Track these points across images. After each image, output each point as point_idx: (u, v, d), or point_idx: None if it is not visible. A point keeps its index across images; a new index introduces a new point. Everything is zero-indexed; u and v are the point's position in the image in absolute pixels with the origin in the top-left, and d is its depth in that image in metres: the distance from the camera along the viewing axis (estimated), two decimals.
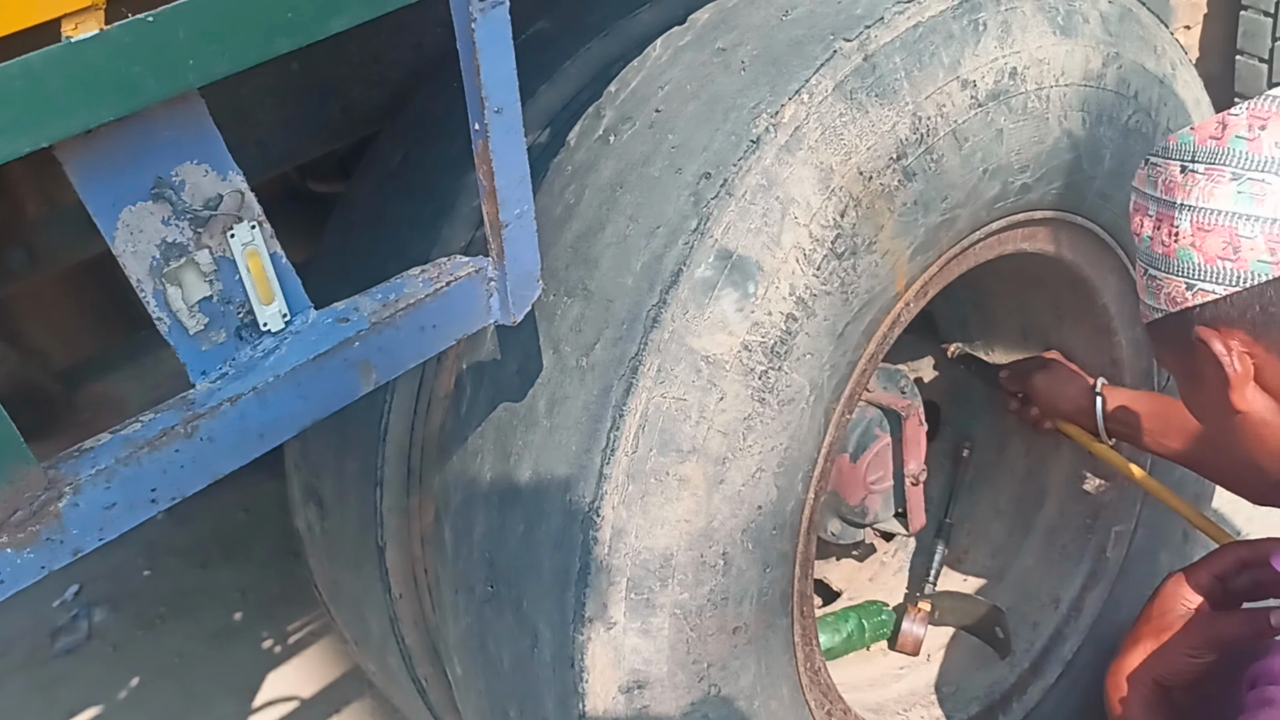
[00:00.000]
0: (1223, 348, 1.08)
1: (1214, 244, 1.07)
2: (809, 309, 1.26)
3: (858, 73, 1.28)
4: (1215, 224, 1.07)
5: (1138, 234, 1.17)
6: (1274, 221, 1.05)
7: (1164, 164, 1.13)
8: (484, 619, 1.33)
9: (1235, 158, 1.07)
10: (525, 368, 1.28)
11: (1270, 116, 1.06)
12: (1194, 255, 1.09)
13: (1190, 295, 1.10)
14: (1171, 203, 1.11)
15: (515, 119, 0.97)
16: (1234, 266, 1.06)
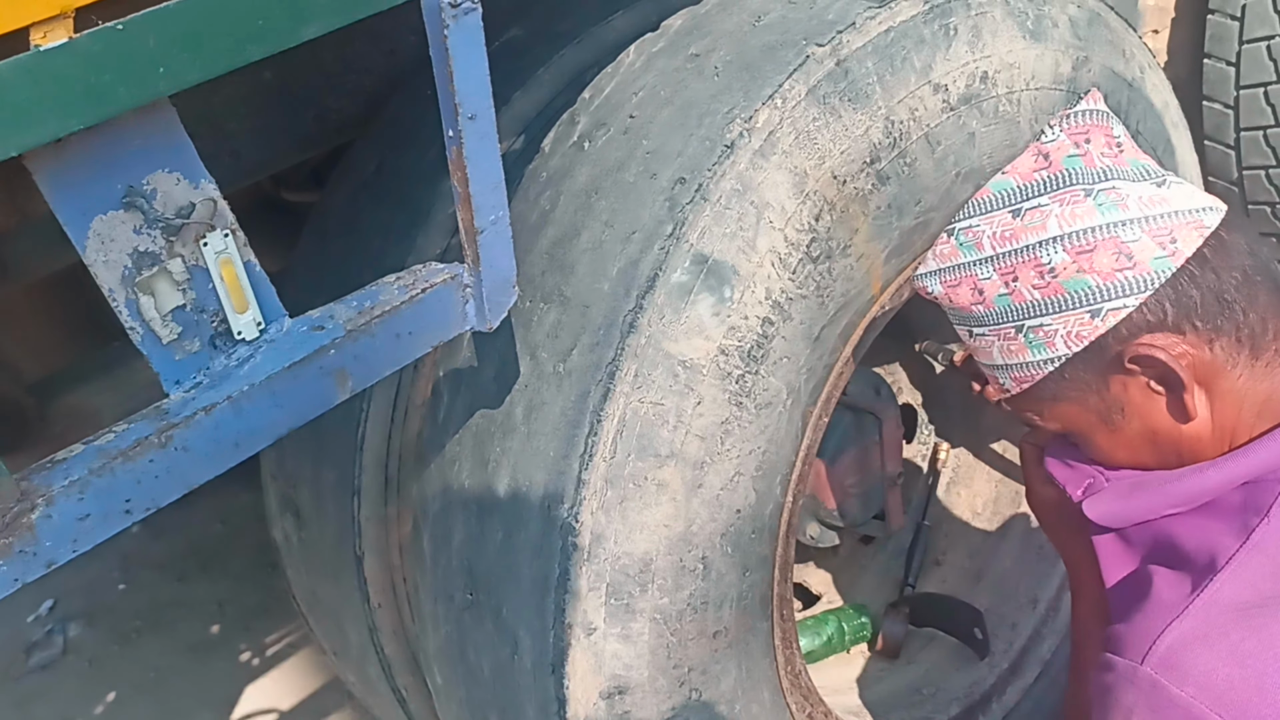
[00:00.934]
0: (1165, 353, 1.02)
1: (1104, 260, 1.04)
2: (785, 313, 1.26)
3: (830, 77, 1.28)
4: (1095, 240, 1.04)
5: (976, 305, 1.13)
6: (1147, 219, 1.04)
7: (982, 221, 1.12)
8: (463, 627, 1.33)
9: (1077, 176, 1.07)
10: (502, 374, 1.28)
11: (1088, 129, 1.08)
12: (1088, 280, 1.04)
13: (1099, 321, 1.04)
14: (1019, 248, 1.08)
15: (489, 125, 0.97)
16: (1134, 273, 1.03)
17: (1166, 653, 0.93)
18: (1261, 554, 0.94)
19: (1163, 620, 0.94)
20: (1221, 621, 0.92)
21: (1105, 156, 1.07)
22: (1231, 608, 0.92)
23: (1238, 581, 0.94)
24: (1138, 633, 0.96)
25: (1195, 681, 0.91)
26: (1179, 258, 1.02)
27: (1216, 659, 0.91)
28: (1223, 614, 0.92)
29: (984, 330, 1.15)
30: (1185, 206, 1.04)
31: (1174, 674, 0.92)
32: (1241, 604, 0.92)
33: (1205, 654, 0.91)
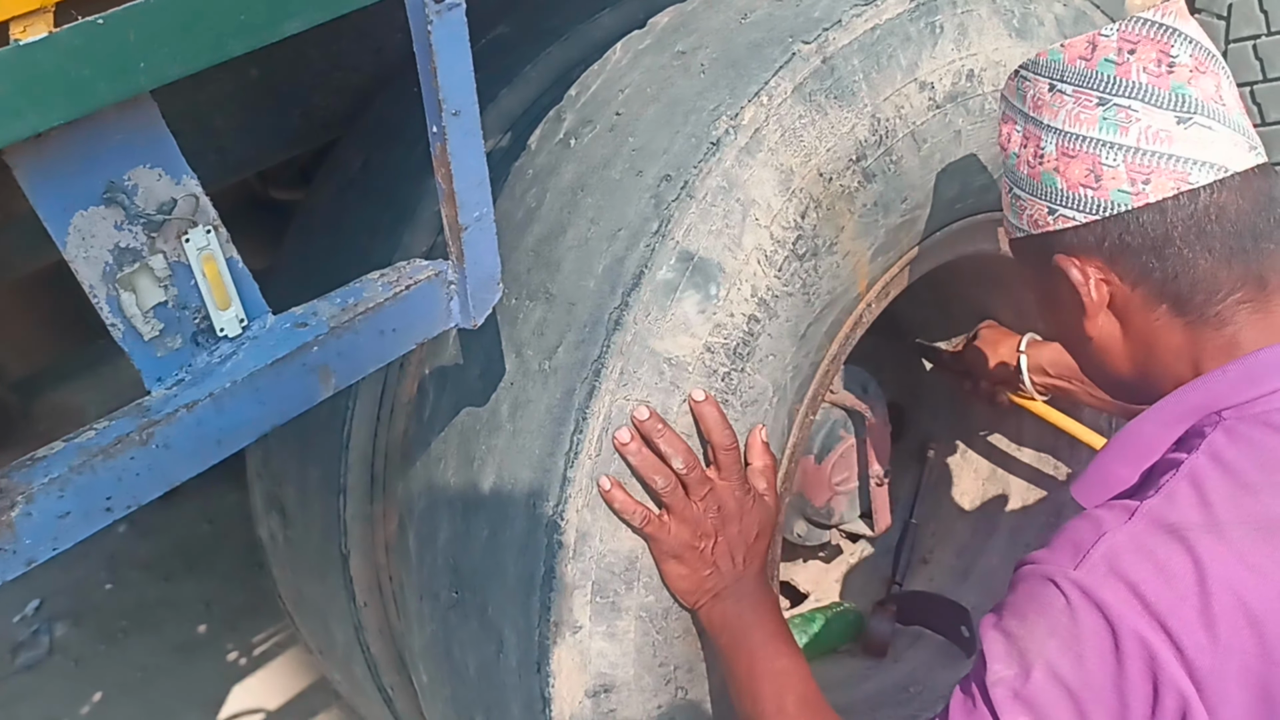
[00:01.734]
0: (1080, 275, 1.07)
1: (1077, 171, 1.06)
2: (771, 310, 1.26)
3: (816, 75, 1.28)
4: (1079, 150, 1.06)
5: (1004, 148, 1.15)
6: (1137, 151, 1.03)
7: (1033, 79, 1.11)
8: (449, 625, 1.32)
9: (1102, 81, 1.05)
10: (488, 372, 1.28)
11: (1140, 41, 1.04)
12: (1057, 180, 1.08)
13: (1051, 220, 1.09)
14: (1039, 121, 1.10)
15: (473, 121, 0.97)
16: (1095, 195, 1.05)
17: (1098, 561, 0.94)
18: (1190, 482, 0.96)
19: (1094, 535, 0.97)
20: (1149, 540, 0.94)
21: (1145, 72, 1.04)
22: (1159, 528, 0.95)
23: (1166, 506, 0.96)
24: (1068, 546, 0.98)
25: (1123, 589, 0.92)
26: (1140, 199, 1.03)
27: (1144, 572, 0.93)
28: (1151, 534, 0.95)
29: (1004, 173, 1.18)
30: (1182, 154, 1.02)
31: (1104, 580, 0.93)
32: (1168, 525, 0.94)
33: (1134, 564, 0.93)
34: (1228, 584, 0.91)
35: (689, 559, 1.21)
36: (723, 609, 1.22)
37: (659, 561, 1.22)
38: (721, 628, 1.22)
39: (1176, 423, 1.04)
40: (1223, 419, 1.00)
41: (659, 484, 1.19)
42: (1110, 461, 1.08)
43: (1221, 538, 0.93)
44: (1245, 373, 1.01)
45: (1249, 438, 0.98)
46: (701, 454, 1.22)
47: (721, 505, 1.21)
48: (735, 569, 1.23)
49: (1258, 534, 0.93)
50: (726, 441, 1.21)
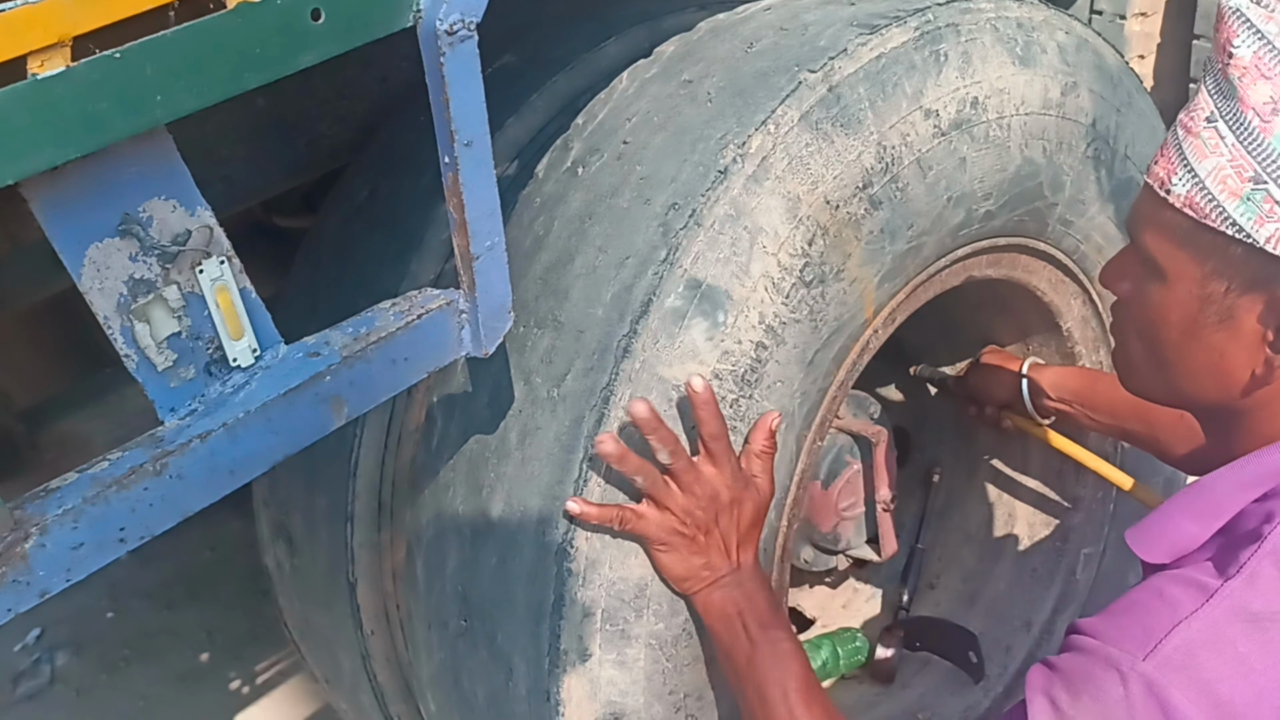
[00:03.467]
0: (1268, 325, 0.93)
1: None
2: (779, 337, 1.26)
3: (823, 103, 1.29)
4: None
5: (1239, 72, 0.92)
6: None
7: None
8: (458, 654, 1.32)
9: None
10: (496, 400, 1.28)
11: None
12: None
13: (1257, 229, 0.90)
14: None
15: (485, 152, 0.98)
16: None
17: (1172, 653, 0.88)
18: (1273, 564, 0.90)
19: (1169, 620, 0.90)
20: (1230, 631, 0.88)
21: None
22: (1241, 617, 0.88)
23: (1249, 589, 0.89)
24: (1139, 629, 0.91)
25: (1198, 688, 0.87)
26: None
27: (1223, 668, 0.87)
28: (1232, 623, 0.88)
29: (1224, 127, 0.93)
30: None
31: (1178, 677, 0.87)
32: (1252, 614, 0.88)
33: (1212, 661, 0.87)
34: None
35: (680, 547, 1.19)
36: (721, 597, 1.20)
37: (649, 553, 1.20)
38: (719, 616, 1.20)
39: (1256, 484, 0.96)
40: None
41: (640, 482, 1.16)
42: (1178, 515, 1.01)
43: None
44: None
45: None
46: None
47: (714, 495, 1.18)
48: (730, 559, 1.21)
49: None
50: (717, 431, 1.18)
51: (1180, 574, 0.95)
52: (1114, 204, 1.65)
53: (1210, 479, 1.01)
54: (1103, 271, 1.12)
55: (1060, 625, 1.90)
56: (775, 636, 1.19)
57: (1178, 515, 1.01)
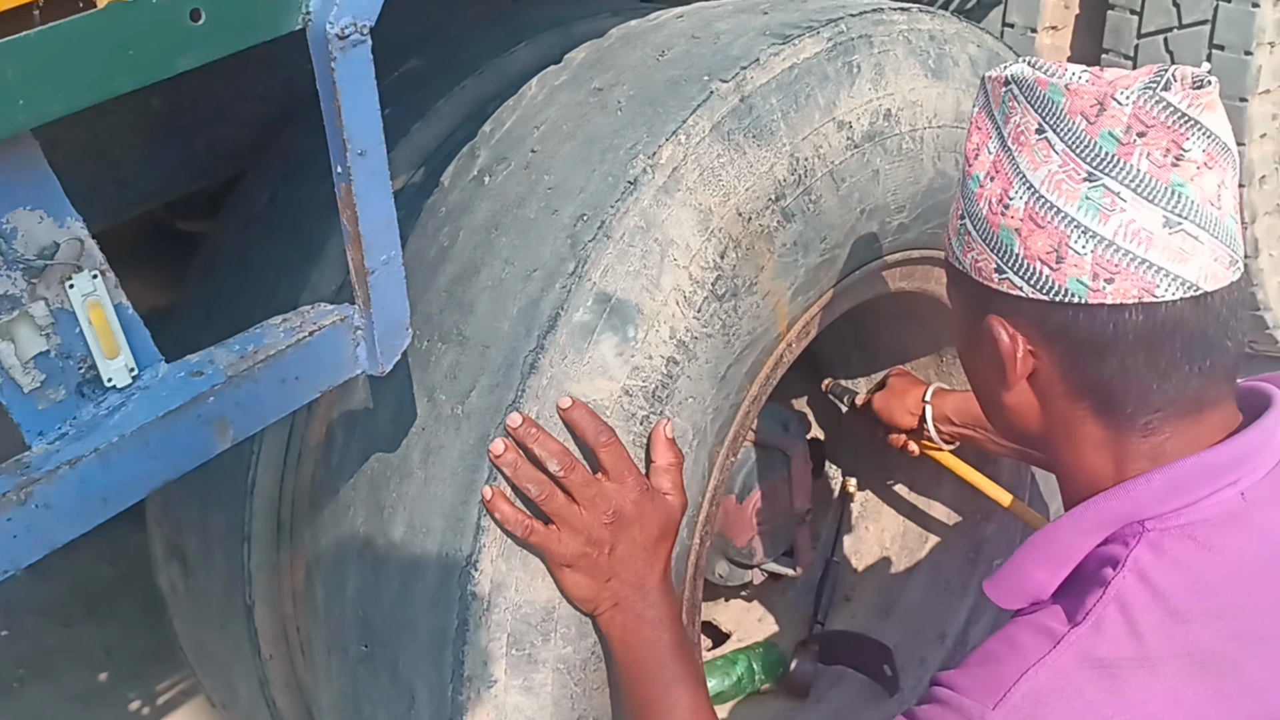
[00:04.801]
0: (1009, 345, 0.99)
1: (1040, 243, 0.95)
2: (690, 352, 1.24)
3: (734, 114, 1.27)
4: (1049, 222, 0.94)
5: (969, 161, 1.02)
6: (1111, 245, 0.92)
7: (1023, 107, 0.97)
8: (358, 680, 1.27)
9: (1098, 156, 0.93)
10: (399, 417, 1.23)
11: (1155, 125, 0.92)
12: (1015, 243, 0.96)
13: (997, 280, 0.99)
14: (1015, 163, 0.97)
15: (380, 162, 0.93)
16: (1051, 275, 0.95)
17: (1021, 701, 0.89)
18: (1119, 608, 0.91)
19: (1017, 668, 0.90)
20: (1077, 678, 0.89)
21: (1149, 159, 0.92)
22: (1088, 663, 0.89)
23: (1095, 636, 0.90)
24: (989, 678, 0.92)
25: None
26: (1097, 297, 0.93)
27: (1069, 716, 0.88)
28: (1079, 669, 0.89)
29: (960, 191, 1.05)
30: (1158, 261, 0.92)
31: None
32: (1097, 661, 0.89)
33: (1059, 709, 0.88)
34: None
35: (583, 567, 1.15)
36: (622, 620, 1.17)
37: (552, 572, 1.16)
38: (620, 640, 1.17)
39: (1097, 530, 0.97)
40: (1146, 530, 0.94)
41: (533, 492, 1.12)
42: (1027, 564, 1.01)
43: (1155, 673, 0.88)
44: (1170, 483, 0.95)
45: (1175, 556, 0.93)
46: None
47: (616, 509, 1.14)
48: (636, 575, 1.17)
49: (1191, 669, 0.88)
50: (602, 439, 1.14)
51: (1032, 619, 0.96)
52: None
53: (1053, 527, 1.01)
54: None
55: (973, 636, 1.90)
56: (673, 663, 1.16)
57: (1028, 564, 1.02)
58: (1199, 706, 0.88)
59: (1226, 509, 0.94)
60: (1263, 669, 0.90)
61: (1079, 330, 0.95)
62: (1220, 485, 0.95)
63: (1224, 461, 0.95)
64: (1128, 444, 0.98)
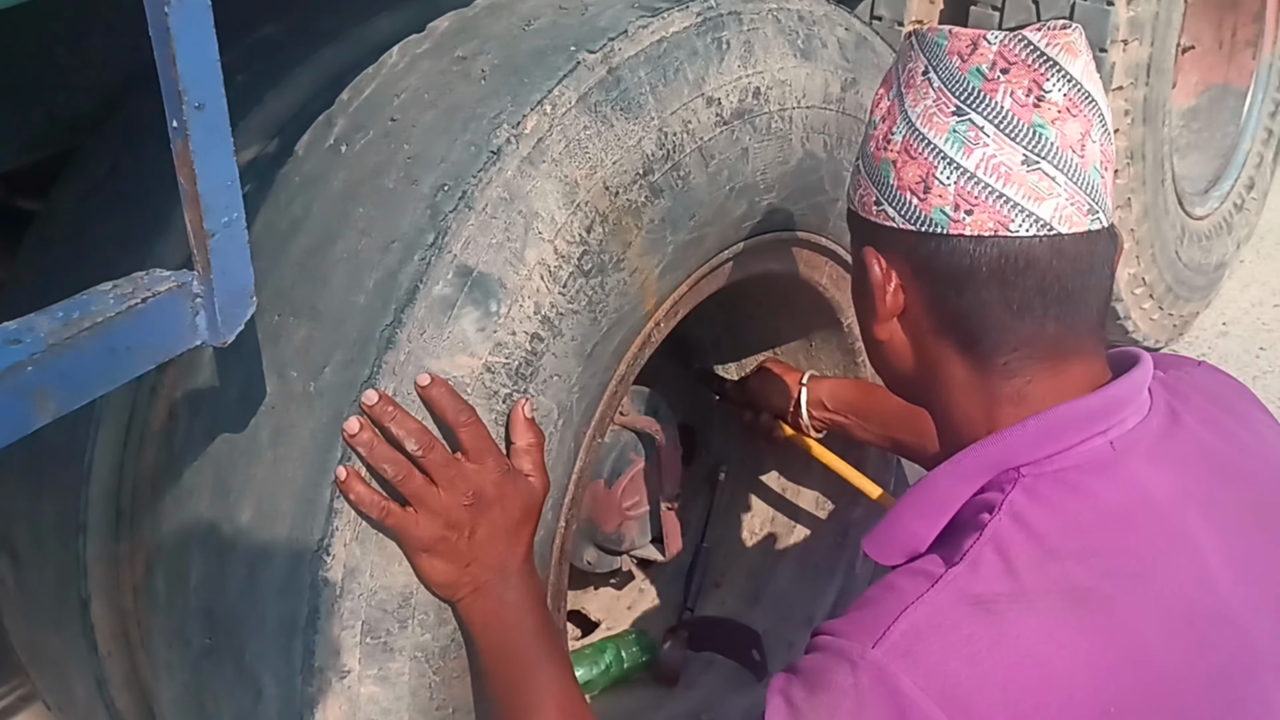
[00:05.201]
0: (880, 276, 1.03)
1: (911, 173, 0.99)
2: (555, 329, 1.21)
3: (602, 85, 1.24)
4: (921, 153, 0.99)
5: (872, 109, 1.08)
6: (972, 177, 0.96)
7: (916, 53, 1.02)
8: (201, 674, 1.20)
9: (966, 91, 0.97)
10: (247, 395, 1.17)
11: (1016, 63, 0.96)
12: (891, 174, 1.01)
13: (875, 211, 1.03)
14: (903, 102, 1.02)
15: (219, 116, 0.88)
16: (919, 205, 0.99)
17: (900, 639, 0.90)
18: (994, 548, 0.93)
19: (896, 608, 0.92)
20: (955, 614, 0.90)
21: (1012, 98, 0.96)
22: (965, 600, 0.91)
23: (971, 575, 0.92)
24: (868, 619, 0.93)
25: (924, 671, 0.88)
26: (957, 227, 0.97)
27: (948, 650, 0.89)
28: (956, 606, 0.91)
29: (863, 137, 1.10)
30: (1014, 197, 0.95)
31: (904, 661, 0.89)
32: (974, 598, 0.91)
33: (937, 644, 0.89)
34: (1036, 661, 0.88)
35: (442, 551, 1.10)
36: (484, 606, 1.13)
37: (410, 557, 1.11)
38: (482, 627, 1.13)
39: (974, 477, 0.99)
40: (1021, 475, 0.97)
41: (389, 472, 1.07)
42: (906, 517, 1.03)
43: (1030, 608, 0.90)
44: (1043, 429, 0.97)
45: (1048, 498, 0.95)
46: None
47: (476, 490, 1.10)
48: (497, 559, 1.13)
49: (1065, 604, 0.90)
50: (462, 418, 1.10)
51: (910, 567, 0.98)
52: None
53: (931, 478, 1.03)
54: None
55: None
56: (537, 649, 1.13)
57: (905, 516, 1.03)
58: (1073, 639, 0.89)
59: (1097, 456, 0.97)
60: (1132, 605, 0.92)
61: (941, 262, 0.99)
62: (1091, 433, 0.97)
63: (1094, 410, 0.98)
64: (992, 385, 1.02)
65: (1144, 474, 0.98)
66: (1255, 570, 0.99)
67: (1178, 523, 0.97)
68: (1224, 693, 0.93)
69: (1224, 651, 0.94)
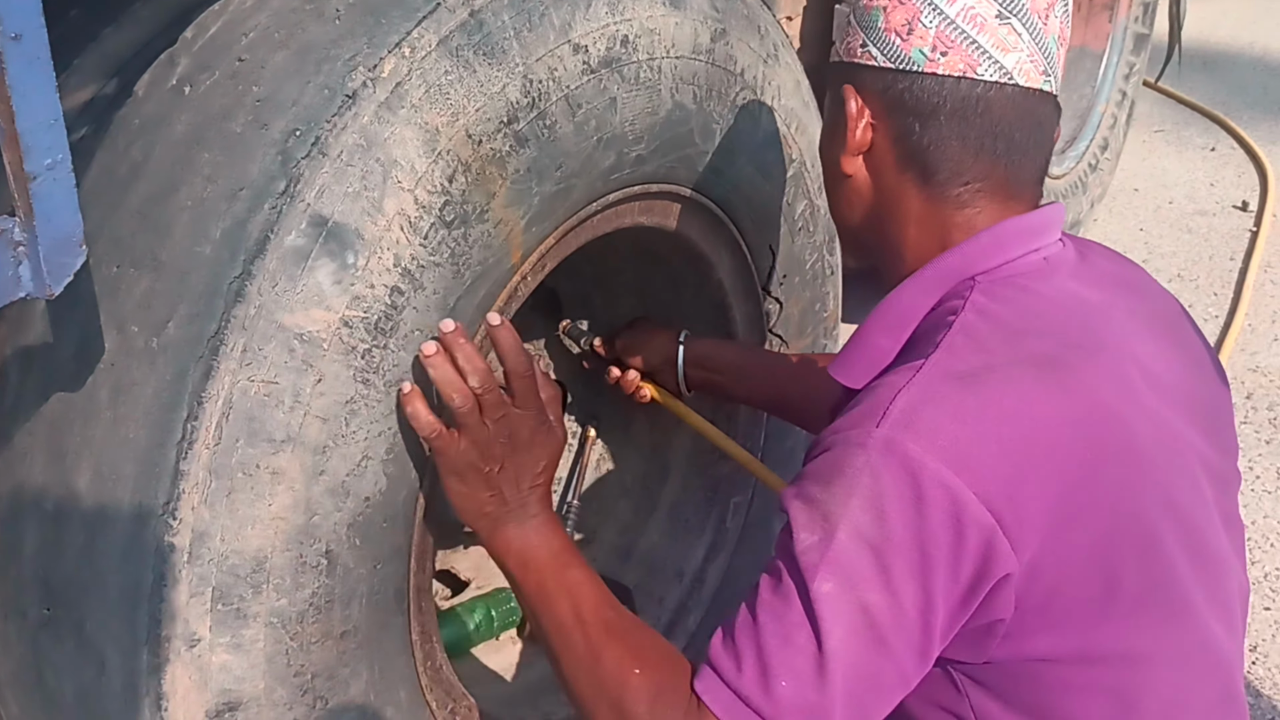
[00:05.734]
0: (855, 109, 1.16)
1: (899, 17, 1.13)
2: (416, 282, 1.16)
3: (464, 29, 1.19)
4: (910, 1, 1.12)
5: None
6: (951, 23, 1.10)
7: None
8: (40, 648, 1.13)
9: None
10: (83, 351, 1.10)
11: None
12: (880, 19, 1.14)
13: (860, 52, 1.16)
14: None
15: (40, 48, 0.81)
16: (901, 45, 1.12)
17: (899, 415, 0.99)
18: (964, 334, 1.05)
19: (889, 395, 1.01)
20: (943, 388, 1.01)
21: None
22: (949, 376, 1.02)
23: (950, 356, 1.04)
24: (862, 413, 1.02)
25: (926, 436, 0.97)
26: (932, 66, 1.11)
27: (942, 418, 0.99)
28: (942, 382, 1.02)
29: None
30: (985, 44, 1.10)
31: (906, 432, 0.98)
32: (956, 373, 1.02)
33: (932, 413, 0.99)
34: (1019, 416, 0.99)
35: (471, 479, 1.17)
36: (505, 534, 1.19)
37: (442, 476, 1.18)
38: (506, 551, 1.20)
39: (935, 288, 1.11)
40: (977, 282, 1.09)
41: (455, 399, 1.13)
42: (871, 334, 1.14)
43: (1005, 375, 1.01)
44: (994, 239, 1.11)
45: (1004, 296, 1.08)
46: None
47: (513, 433, 1.17)
48: (519, 495, 1.20)
49: (1035, 370, 1.02)
50: (522, 369, 1.17)
51: (886, 376, 1.07)
52: (761, 154, 1.66)
53: (895, 294, 1.15)
54: None
55: (710, 574, 1.93)
56: (564, 563, 1.18)
57: (871, 335, 1.15)
58: (1047, 396, 1.01)
59: (1036, 268, 1.12)
60: (1090, 371, 1.04)
61: (912, 97, 1.13)
62: (1030, 248, 1.12)
63: (1034, 225, 1.13)
64: (945, 215, 1.15)
65: (1073, 286, 1.12)
66: (1172, 370, 1.13)
67: (1108, 320, 1.11)
68: (1169, 458, 1.07)
69: (1161, 422, 1.07)
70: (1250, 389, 3.02)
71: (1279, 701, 2.11)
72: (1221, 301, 3.44)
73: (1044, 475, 0.98)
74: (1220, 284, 3.53)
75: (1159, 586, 1.05)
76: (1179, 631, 1.07)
